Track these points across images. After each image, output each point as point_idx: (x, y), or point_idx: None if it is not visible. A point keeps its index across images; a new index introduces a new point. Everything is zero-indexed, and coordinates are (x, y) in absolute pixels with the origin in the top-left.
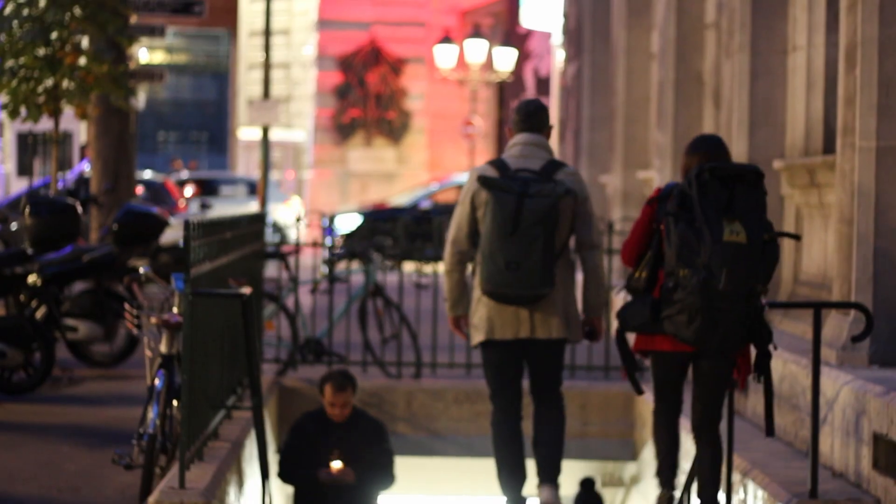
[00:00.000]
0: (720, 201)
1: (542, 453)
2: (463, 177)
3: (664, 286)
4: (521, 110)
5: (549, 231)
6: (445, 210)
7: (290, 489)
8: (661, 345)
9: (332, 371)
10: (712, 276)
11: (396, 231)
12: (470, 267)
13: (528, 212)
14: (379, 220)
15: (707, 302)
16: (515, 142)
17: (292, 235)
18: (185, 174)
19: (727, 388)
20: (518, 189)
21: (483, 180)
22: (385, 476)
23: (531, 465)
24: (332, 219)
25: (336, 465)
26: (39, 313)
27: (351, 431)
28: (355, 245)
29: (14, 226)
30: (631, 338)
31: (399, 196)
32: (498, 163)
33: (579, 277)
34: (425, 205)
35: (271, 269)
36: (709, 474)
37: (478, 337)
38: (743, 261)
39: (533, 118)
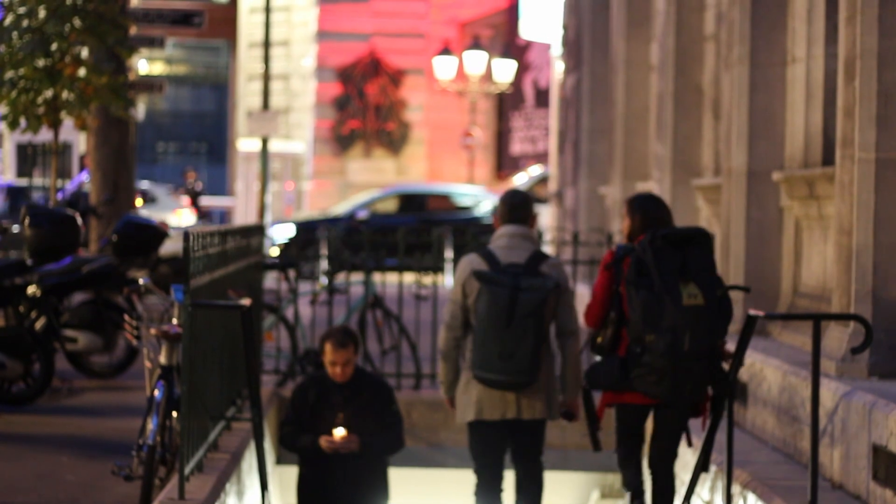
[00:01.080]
0: (674, 265)
1: None
2: (424, 186)
3: (631, 350)
4: (506, 202)
5: (539, 323)
6: (381, 220)
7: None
8: (630, 399)
9: (332, 328)
10: (677, 340)
11: (331, 242)
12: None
13: (522, 306)
14: (312, 230)
15: (673, 363)
16: (502, 233)
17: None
18: (199, 186)
19: (684, 430)
20: (510, 283)
21: (478, 275)
22: (393, 439)
23: None
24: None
25: (339, 432)
26: (39, 324)
27: (354, 393)
28: (291, 255)
29: (15, 227)
30: (596, 393)
31: (340, 205)
32: (486, 254)
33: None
34: (361, 214)
35: (270, 281)
36: None
37: (468, 416)
38: (703, 322)
39: (518, 210)
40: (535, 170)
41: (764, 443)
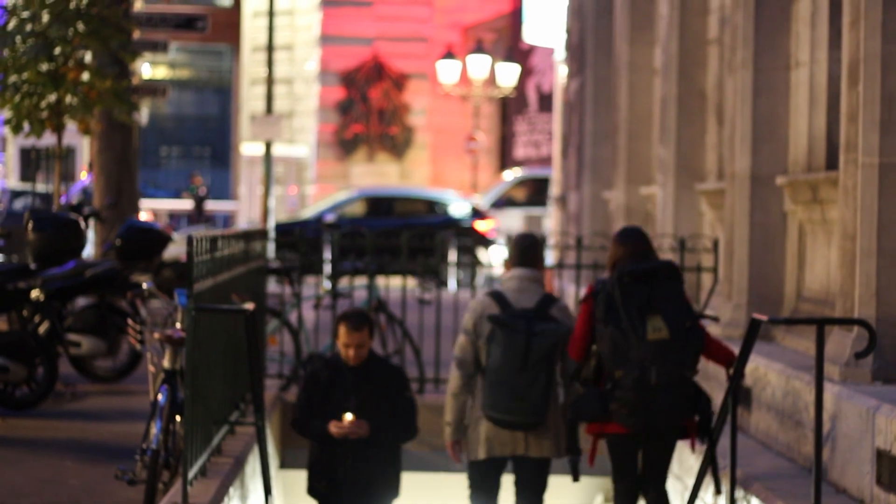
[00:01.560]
0: (641, 299)
1: None
2: (392, 189)
3: (606, 386)
4: (517, 246)
5: (550, 366)
6: (350, 223)
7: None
8: (613, 429)
9: (347, 310)
10: (644, 374)
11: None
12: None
13: (535, 350)
14: (280, 233)
15: (642, 396)
16: (512, 276)
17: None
18: (203, 190)
19: (674, 449)
20: (525, 328)
21: (493, 319)
22: (405, 426)
23: None
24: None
25: (348, 417)
26: (42, 328)
27: (367, 377)
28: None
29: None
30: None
31: (308, 209)
32: (498, 297)
33: None
34: (329, 218)
35: (274, 285)
36: None
37: (479, 454)
38: (669, 355)
39: (527, 254)
40: (508, 174)
41: (767, 447)
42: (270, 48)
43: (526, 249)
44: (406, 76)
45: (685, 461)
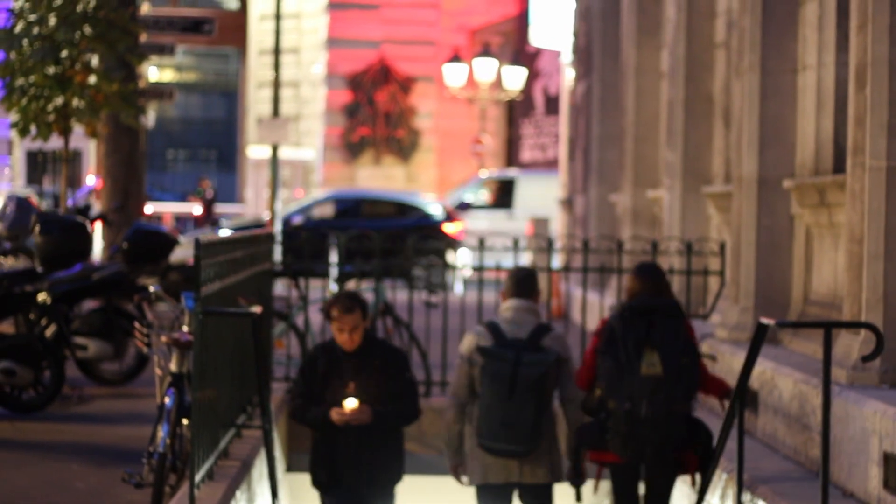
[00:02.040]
0: (640, 334)
1: None
2: (361, 192)
3: (600, 416)
4: (512, 277)
5: (539, 395)
6: (319, 225)
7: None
8: (611, 457)
9: (338, 293)
10: (635, 407)
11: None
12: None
13: (522, 379)
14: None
15: (632, 428)
16: (508, 306)
17: None
18: (211, 193)
19: (673, 482)
20: (512, 359)
21: (481, 350)
22: (407, 409)
23: None
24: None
25: (350, 403)
26: (49, 332)
27: (365, 360)
28: None
29: None
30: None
31: (279, 210)
32: (492, 327)
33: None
34: (297, 220)
35: (281, 288)
36: None
37: (475, 479)
38: (661, 390)
39: (522, 285)
40: (482, 174)
41: (775, 450)
42: (277, 51)
43: (521, 281)
44: (412, 79)
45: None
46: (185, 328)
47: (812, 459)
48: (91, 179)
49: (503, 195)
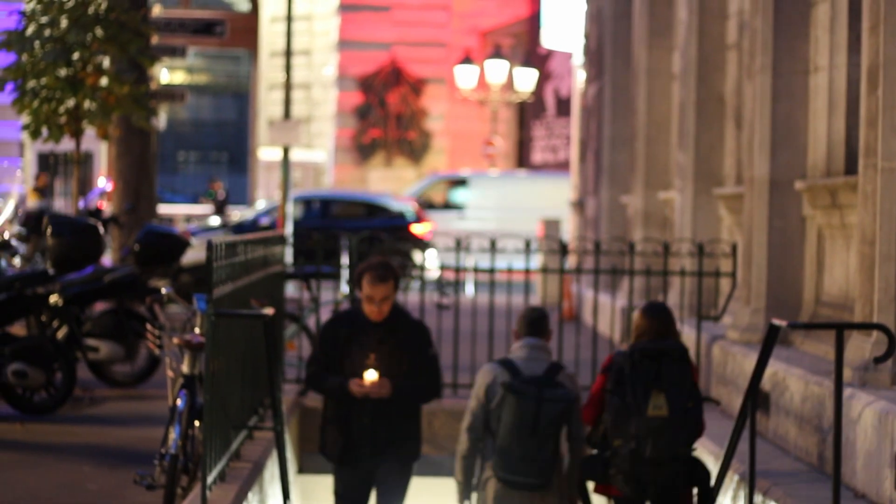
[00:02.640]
0: (648, 376)
1: None
2: (328, 192)
3: (605, 453)
4: (525, 318)
5: (558, 431)
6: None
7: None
8: (615, 491)
9: (371, 259)
10: (639, 447)
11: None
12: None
13: (545, 414)
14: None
15: (635, 467)
16: (522, 345)
17: None
18: (222, 195)
19: None
20: (535, 394)
21: (506, 385)
22: (428, 385)
23: None
24: None
25: (370, 375)
26: (61, 333)
27: (389, 332)
28: None
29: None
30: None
31: (249, 210)
32: (508, 364)
33: None
34: (264, 221)
35: (292, 289)
36: None
37: None
38: (666, 432)
39: (535, 325)
40: (433, 176)
41: (786, 452)
42: (288, 53)
43: (534, 322)
44: (424, 81)
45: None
46: (196, 330)
47: (824, 461)
48: (102, 181)
49: (454, 196)
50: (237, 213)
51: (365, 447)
